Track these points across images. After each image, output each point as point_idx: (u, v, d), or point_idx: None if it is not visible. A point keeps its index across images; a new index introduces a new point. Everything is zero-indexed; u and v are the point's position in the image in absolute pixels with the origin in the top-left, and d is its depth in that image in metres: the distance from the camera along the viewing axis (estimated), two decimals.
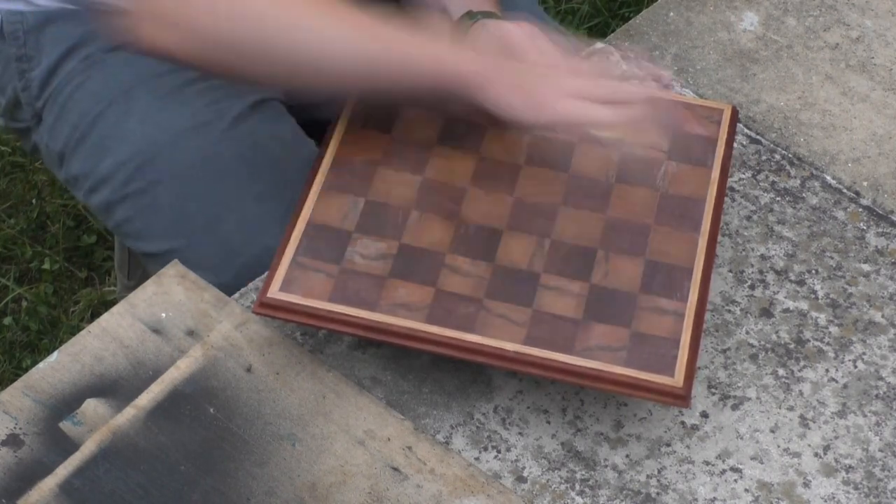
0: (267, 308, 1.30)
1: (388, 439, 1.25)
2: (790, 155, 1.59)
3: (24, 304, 2.02)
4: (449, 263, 1.34)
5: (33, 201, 2.17)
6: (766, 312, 1.44)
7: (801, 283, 1.47)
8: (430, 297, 1.31)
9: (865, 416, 1.37)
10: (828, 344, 1.42)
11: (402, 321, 1.29)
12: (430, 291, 1.32)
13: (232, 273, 1.47)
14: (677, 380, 1.26)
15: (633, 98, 1.37)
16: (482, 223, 1.38)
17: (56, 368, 1.27)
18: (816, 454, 1.34)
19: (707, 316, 1.43)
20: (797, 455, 1.34)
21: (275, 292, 1.30)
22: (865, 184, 1.56)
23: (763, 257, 1.49)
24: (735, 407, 1.37)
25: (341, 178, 1.40)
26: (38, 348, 2.00)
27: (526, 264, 1.35)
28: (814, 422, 1.36)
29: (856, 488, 1.32)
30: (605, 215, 1.39)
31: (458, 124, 1.46)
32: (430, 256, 1.35)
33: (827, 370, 1.40)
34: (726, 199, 1.53)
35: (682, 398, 1.26)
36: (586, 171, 1.43)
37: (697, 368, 1.39)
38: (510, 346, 1.28)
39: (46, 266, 2.07)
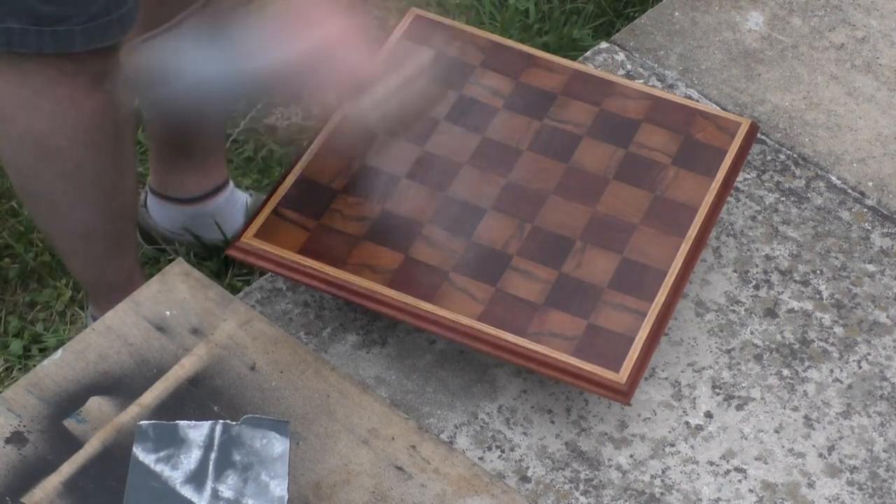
0: (239, 252, 1.35)
1: (392, 438, 1.25)
2: (795, 155, 1.59)
3: (30, 302, 2.03)
4: (425, 234, 1.37)
5: None
6: (771, 313, 1.44)
7: (805, 283, 1.46)
8: (398, 263, 1.34)
9: (870, 416, 1.37)
10: (832, 344, 1.42)
11: (363, 281, 1.32)
12: (399, 257, 1.35)
13: None
14: (621, 375, 1.27)
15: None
16: (468, 200, 1.39)
17: (60, 366, 1.27)
18: (821, 454, 1.34)
19: (711, 316, 1.43)
20: (801, 455, 1.34)
21: (249, 238, 1.35)
22: (870, 184, 1.56)
23: (768, 257, 1.48)
24: (739, 407, 1.37)
25: (343, 139, 1.43)
26: (43, 344, 2.00)
27: (501, 245, 1.36)
28: (818, 422, 1.36)
29: (860, 489, 1.31)
30: (593, 209, 1.39)
31: (469, 104, 1.47)
32: (407, 225, 1.37)
33: (831, 371, 1.40)
34: (731, 199, 1.53)
35: (623, 394, 1.27)
36: (586, 164, 1.43)
37: (702, 369, 1.39)
38: (464, 321, 1.30)
39: (48, 262, 2.07)
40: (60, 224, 1.65)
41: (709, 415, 1.36)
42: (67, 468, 1.20)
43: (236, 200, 1.97)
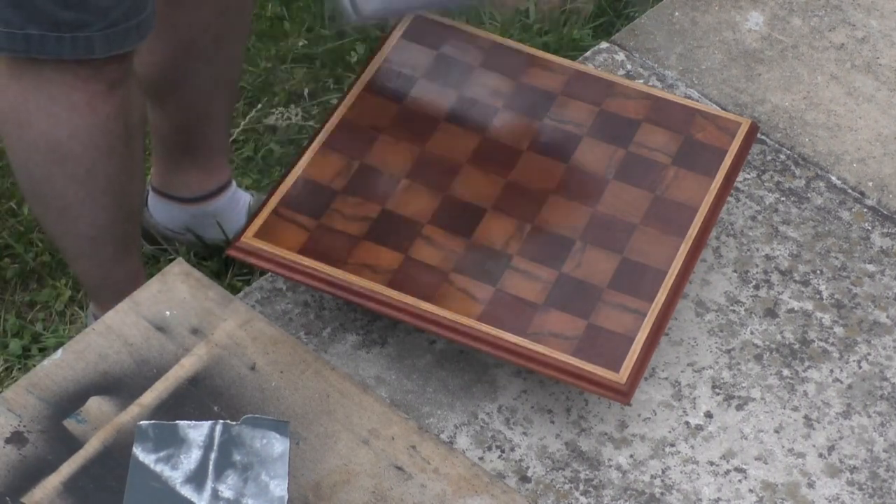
0: (239, 252, 1.36)
1: (392, 438, 1.25)
2: (795, 155, 1.59)
3: (29, 302, 2.03)
4: (425, 234, 1.37)
5: None
6: (771, 313, 1.44)
7: (805, 283, 1.46)
8: (398, 263, 1.34)
9: (870, 416, 1.37)
10: (832, 344, 1.42)
11: (363, 281, 1.33)
12: (399, 257, 1.35)
13: None
14: (621, 375, 1.27)
15: None
16: (469, 200, 1.40)
17: (60, 366, 1.27)
18: (821, 454, 1.34)
19: (711, 316, 1.43)
20: (802, 455, 1.34)
21: (249, 238, 1.36)
22: (870, 184, 1.56)
23: (768, 257, 1.48)
24: (739, 407, 1.37)
25: (343, 139, 1.44)
26: (43, 343, 2.00)
27: (501, 245, 1.36)
28: (818, 422, 1.36)
29: (860, 489, 1.31)
30: (594, 209, 1.39)
31: (469, 103, 1.47)
32: (408, 225, 1.37)
33: (832, 371, 1.40)
34: (731, 199, 1.53)
35: (623, 394, 1.27)
36: (587, 164, 1.43)
37: (702, 369, 1.39)
38: (464, 321, 1.30)
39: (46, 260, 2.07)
40: (69, 227, 1.65)
41: (709, 415, 1.36)
42: (67, 468, 1.20)
43: (239, 200, 1.98)
